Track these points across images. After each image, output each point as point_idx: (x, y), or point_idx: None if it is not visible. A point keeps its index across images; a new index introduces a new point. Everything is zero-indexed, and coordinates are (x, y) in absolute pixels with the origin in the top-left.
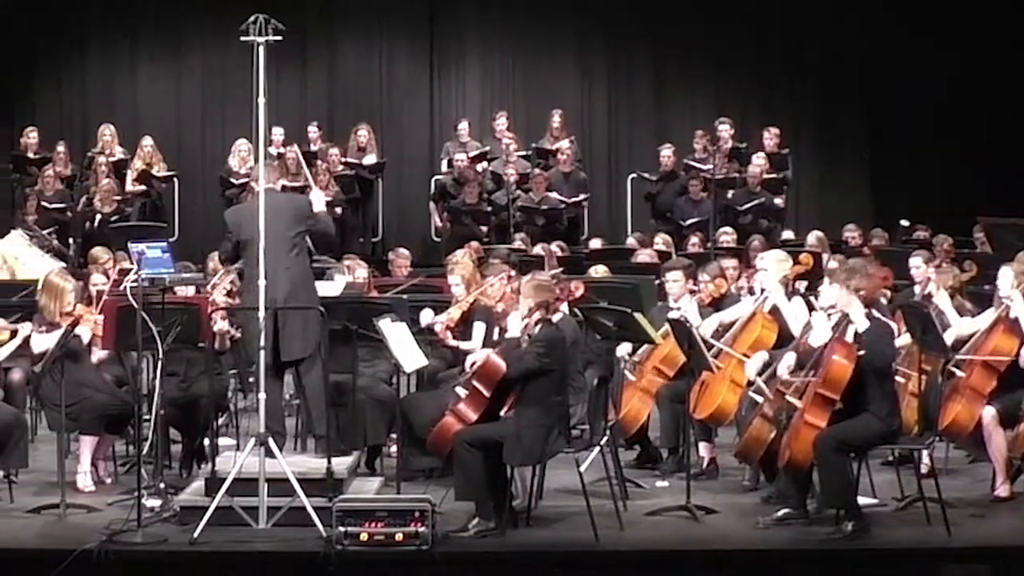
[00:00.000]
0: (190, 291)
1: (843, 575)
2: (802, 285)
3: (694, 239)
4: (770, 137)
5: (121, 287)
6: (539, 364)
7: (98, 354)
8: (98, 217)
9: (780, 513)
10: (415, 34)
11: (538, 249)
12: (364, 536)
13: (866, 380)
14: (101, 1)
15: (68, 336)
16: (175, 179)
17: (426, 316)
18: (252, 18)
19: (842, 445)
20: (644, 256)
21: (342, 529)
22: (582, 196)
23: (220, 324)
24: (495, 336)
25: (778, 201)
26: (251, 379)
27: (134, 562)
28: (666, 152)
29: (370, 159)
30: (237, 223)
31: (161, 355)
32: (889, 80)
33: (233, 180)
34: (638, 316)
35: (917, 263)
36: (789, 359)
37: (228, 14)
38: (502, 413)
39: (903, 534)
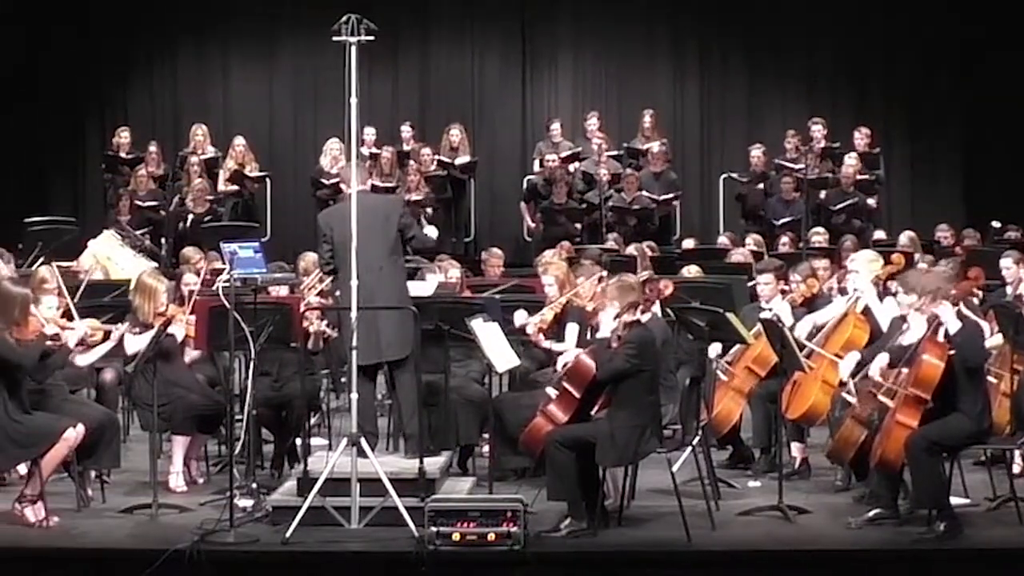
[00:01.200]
0: (282, 291)
1: None
2: (893, 285)
3: (785, 239)
4: (861, 137)
5: (213, 287)
6: (629, 365)
7: (190, 354)
8: (190, 217)
9: (872, 513)
10: (508, 34)
11: (631, 249)
12: (456, 536)
13: (958, 380)
14: (194, 1)
15: (161, 336)
16: (267, 179)
17: (520, 317)
18: (344, 18)
19: (934, 445)
20: (737, 256)
21: (434, 529)
22: (672, 196)
23: (316, 324)
24: (588, 337)
25: (871, 201)
26: (343, 379)
27: (226, 562)
28: (756, 152)
29: (462, 159)
30: (330, 225)
31: (253, 355)
32: (981, 80)
33: (324, 180)
34: (730, 316)
35: (1008, 264)
36: (881, 359)
37: (321, 14)
38: (593, 413)
39: (995, 534)
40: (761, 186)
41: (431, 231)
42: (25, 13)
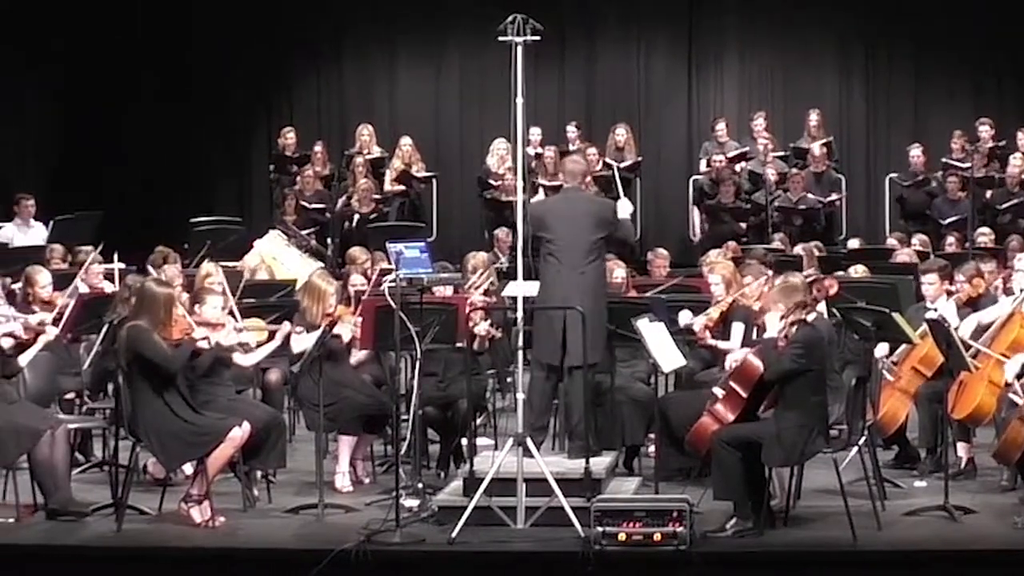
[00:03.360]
0: (448, 291)
1: None
2: None
3: (951, 239)
4: None
5: (379, 287)
6: (796, 365)
7: (357, 354)
8: (356, 217)
9: None
10: (674, 33)
11: (797, 249)
12: (622, 536)
13: None
14: (361, 2)
15: (327, 336)
16: (434, 179)
17: (685, 317)
18: (510, 18)
19: None
20: (903, 256)
21: (600, 529)
22: (834, 196)
23: (482, 325)
24: (754, 336)
25: None
26: (509, 379)
27: (391, 562)
28: (915, 152)
29: (628, 160)
30: (539, 217)
31: (419, 355)
32: None
33: (492, 180)
34: (896, 316)
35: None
36: None
37: (487, 14)
38: (760, 413)
39: None
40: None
41: (623, 205)
42: (188, 15)
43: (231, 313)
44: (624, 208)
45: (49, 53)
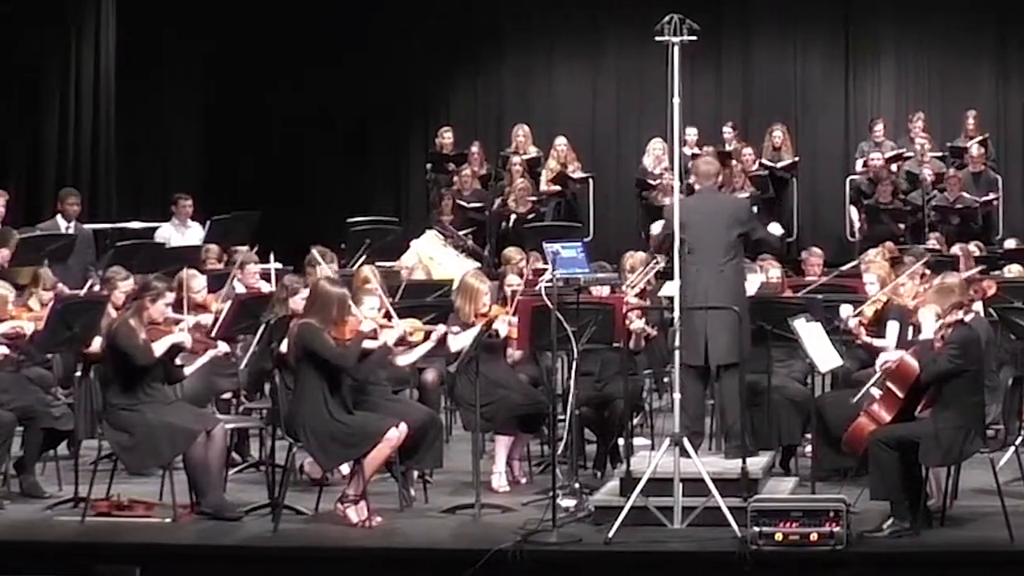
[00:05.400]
0: (605, 291)
1: None
2: None
3: None
4: None
5: (536, 287)
6: (953, 366)
7: (513, 354)
8: (513, 217)
9: None
10: (830, 34)
11: (954, 249)
12: (779, 536)
13: None
14: (519, 2)
15: (483, 336)
16: (590, 179)
17: (846, 310)
18: (667, 18)
19: None
20: None
21: (757, 529)
22: (991, 196)
23: (636, 323)
24: (909, 336)
25: None
26: (665, 379)
27: (548, 562)
28: None
29: (784, 161)
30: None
31: (576, 355)
32: None
33: (649, 181)
34: None
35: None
36: None
37: (644, 14)
38: (916, 413)
39: None
40: None
41: (776, 228)
42: (345, 15)
43: (387, 314)
44: (775, 230)
45: (210, 57)
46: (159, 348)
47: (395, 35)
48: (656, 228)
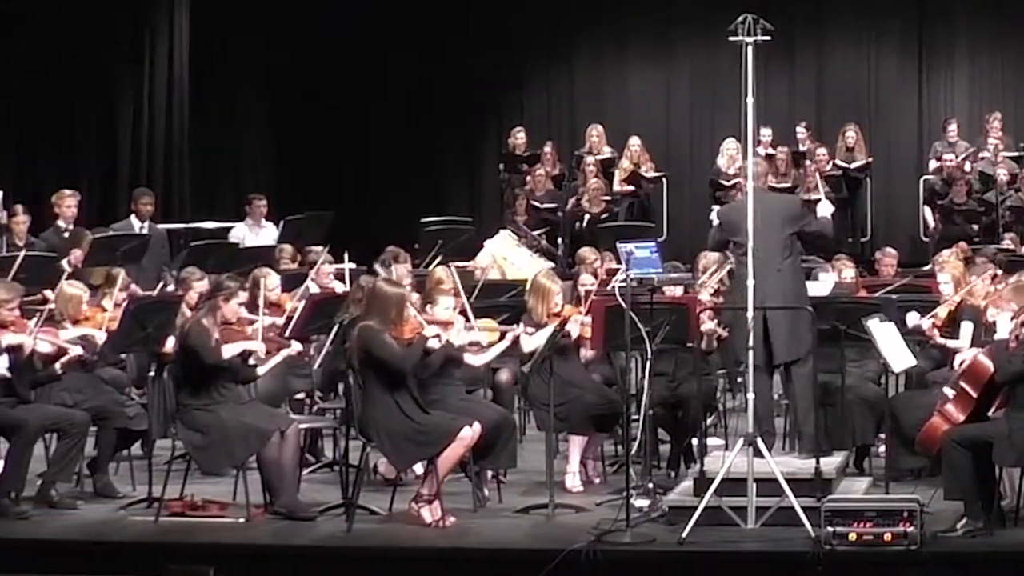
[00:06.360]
0: (678, 291)
1: None
2: None
3: None
4: None
5: (609, 287)
6: None
7: (586, 354)
8: (587, 217)
9: None
10: (904, 34)
11: None
12: (852, 536)
13: None
14: (592, 2)
15: (557, 336)
16: (663, 179)
17: (912, 318)
18: (740, 18)
19: None
20: None
21: (830, 529)
22: None
23: (708, 324)
24: (983, 336)
25: None
26: (739, 379)
27: (622, 562)
28: None
29: (858, 162)
30: (729, 221)
31: (649, 355)
32: None
33: (723, 181)
34: None
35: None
36: None
37: (717, 15)
38: (990, 413)
39: None
40: None
41: (825, 208)
42: (425, 19)
43: (463, 313)
44: (824, 209)
45: (283, 58)
46: (230, 351)
47: (469, 37)
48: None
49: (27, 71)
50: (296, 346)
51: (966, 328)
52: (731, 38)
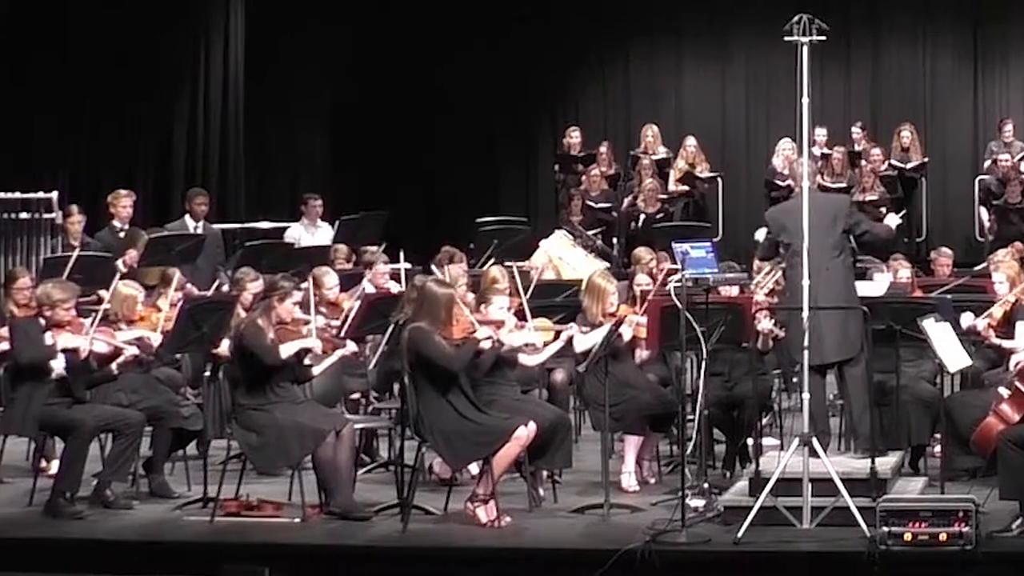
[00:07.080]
0: (734, 291)
1: None
2: None
3: None
4: None
5: (665, 287)
6: None
7: (642, 354)
8: (642, 217)
9: None
10: (959, 34)
11: None
12: (908, 536)
13: None
14: (648, 3)
15: (612, 336)
16: (719, 179)
17: (966, 319)
18: (796, 18)
19: None
20: None
21: (886, 529)
22: None
23: (764, 324)
24: None
25: None
26: (795, 379)
27: (677, 562)
28: None
29: (913, 162)
30: (779, 223)
31: (705, 355)
32: None
33: (778, 181)
34: None
35: None
36: None
37: (773, 14)
38: None
39: None
40: None
41: (892, 219)
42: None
43: (520, 313)
44: (891, 221)
45: (339, 58)
46: (287, 351)
47: (523, 36)
48: (760, 235)
49: (83, 73)
50: (351, 346)
51: (1021, 328)
52: (786, 38)
